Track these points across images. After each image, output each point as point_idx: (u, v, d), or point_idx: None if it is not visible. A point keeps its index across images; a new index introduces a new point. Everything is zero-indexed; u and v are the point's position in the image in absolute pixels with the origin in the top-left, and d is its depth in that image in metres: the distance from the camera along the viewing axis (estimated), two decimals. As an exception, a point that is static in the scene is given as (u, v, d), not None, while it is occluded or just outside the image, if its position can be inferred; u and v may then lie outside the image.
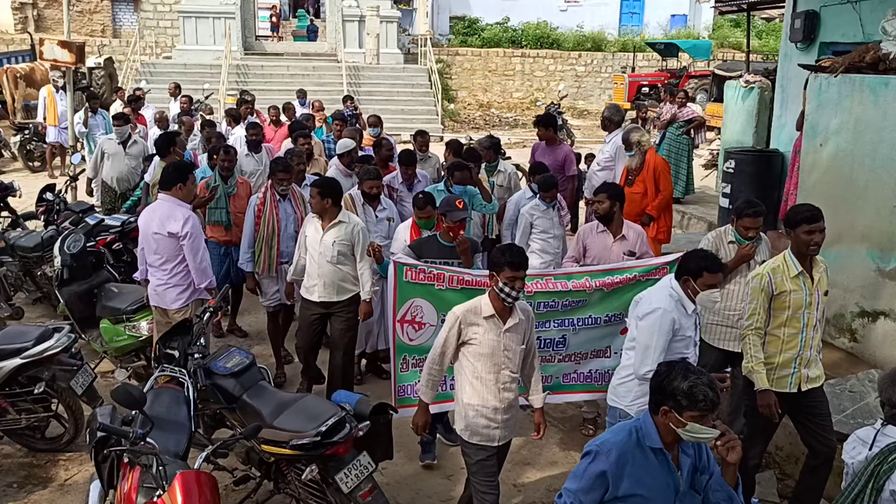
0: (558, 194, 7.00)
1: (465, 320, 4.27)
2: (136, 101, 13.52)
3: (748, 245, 5.46)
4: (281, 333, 7.22)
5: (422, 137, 9.54)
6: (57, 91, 15.00)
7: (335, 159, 8.47)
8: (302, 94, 15.35)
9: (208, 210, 7.38)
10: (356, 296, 6.12)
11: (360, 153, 8.75)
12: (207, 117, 12.55)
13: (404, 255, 5.51)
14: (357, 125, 12.07)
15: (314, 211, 6.05)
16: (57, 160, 15.38)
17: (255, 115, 12.20)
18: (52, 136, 15.17)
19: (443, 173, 9.16)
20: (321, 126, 11.97)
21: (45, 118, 15.37)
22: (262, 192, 6.96)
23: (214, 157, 7.84)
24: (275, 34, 32.05)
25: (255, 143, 9.08)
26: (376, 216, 6.87)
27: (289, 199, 6.95)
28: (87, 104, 13.36)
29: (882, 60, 6.44)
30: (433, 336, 4.85)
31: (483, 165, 8.15)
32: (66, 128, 14.29)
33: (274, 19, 32.73)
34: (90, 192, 11.04)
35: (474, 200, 7.13)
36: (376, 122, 11.04)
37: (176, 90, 14.73)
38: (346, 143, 8.38)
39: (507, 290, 4.16)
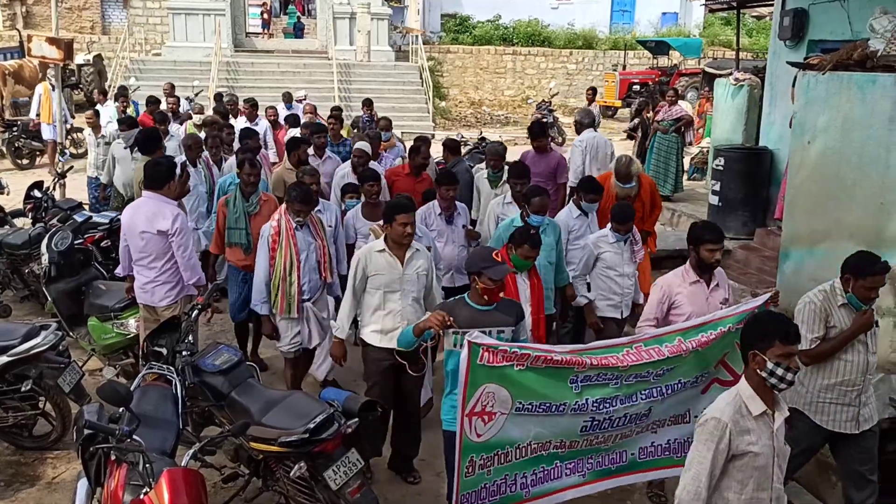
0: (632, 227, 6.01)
1: (735, 427, 3.26)
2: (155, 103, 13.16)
3: (867, 310, 4.51)
4: (300, 379, 6.34)
5: (426, 148, 8.84)
6: (53, 89, 14.72)
7: (347, 164, 8.09)
8: (287, 98, 14.65)
9: (227, 231, 6.67)
10: None
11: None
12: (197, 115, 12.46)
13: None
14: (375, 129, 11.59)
15: (398, 240, 5.05)
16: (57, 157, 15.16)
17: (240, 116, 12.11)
18: (47, 133, 14.93)
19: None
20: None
21: (38, 115, 15.23)
22: (274, 219, 5.99)
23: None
24: (265, 31, 31.96)
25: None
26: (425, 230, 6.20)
27: (307, 225, 6.04)
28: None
29: (870, 58, 6.47)
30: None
31: (487, 173, 7.78)
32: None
33: (265, 16, 32.63)
34: (105, 199, 10.41)
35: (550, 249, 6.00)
36: (387, 125, 10.50)
37: (171, 90, 14.33)
38: (361, 146, 8.02)
39: (780, 371, 3.21)
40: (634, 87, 24.01)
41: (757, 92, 10.72)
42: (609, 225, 5.99)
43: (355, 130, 10.33)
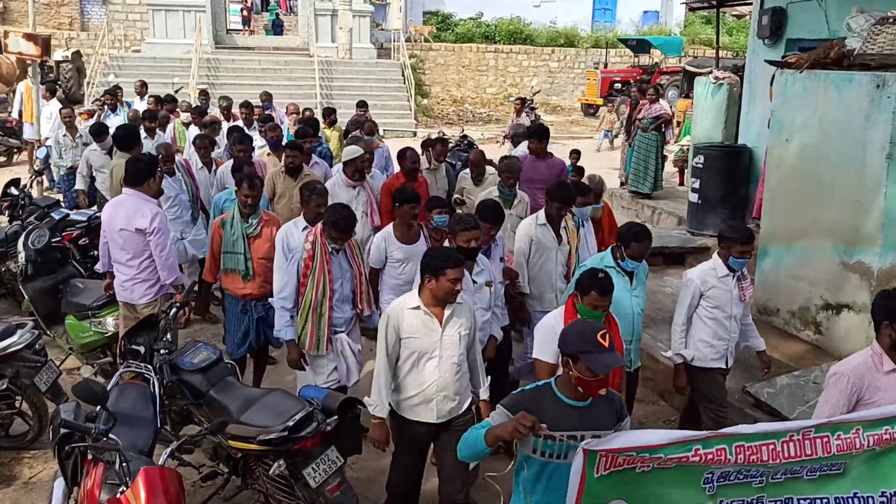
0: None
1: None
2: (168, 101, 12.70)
3: None
4: None
5: (442, 146, 8.36)
6: (47, 99, 14.41)
7: (337, 170, 7.60)
8: (267, 98, 13.79)
9: (224, 255, 5.97)
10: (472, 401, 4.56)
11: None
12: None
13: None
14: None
15: (443, 298, 4.22)
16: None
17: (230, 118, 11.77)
18: (28, 133, 14.54)
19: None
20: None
21: (20, 114, 15.01)
22: (308, 240, 5.23)
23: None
24: (246, 28, 31.77)
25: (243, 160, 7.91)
26: (473, 280, 5.06)
27: (343, 250, 5.35)
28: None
29: (846, 56, 6.53)
30: None
31: (497, 186, 6.88)
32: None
33: (245, 13, 32.43)
34: (90, 206, 9.39)
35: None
36: (372, 128, 9.98)
37: (142, 88, 14.14)
38: (352, 151, 7.42)
39: None
40: (616, 85, 24.13)
41: (736, 90, 10.78)
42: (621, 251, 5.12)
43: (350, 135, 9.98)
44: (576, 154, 11.79)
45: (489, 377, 4.72)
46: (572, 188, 6.08)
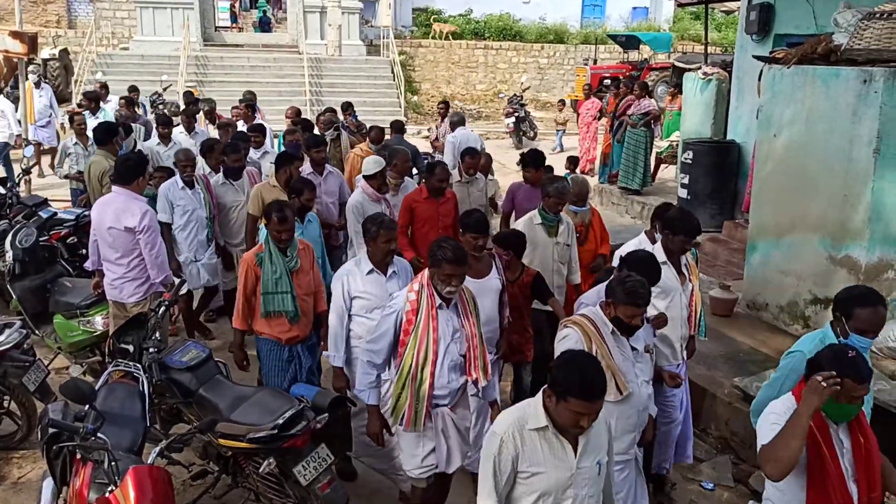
0: None
1: None
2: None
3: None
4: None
5: (471, 158, 7.61)
6: (37, 87, 14.27)
7: (361, 181, 6.96)
8: (251, 98, 12.19)
9: (264, 297, 5.13)
10: None
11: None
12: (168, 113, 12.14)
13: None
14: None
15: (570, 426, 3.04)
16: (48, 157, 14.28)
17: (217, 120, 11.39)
18: (30, 134, 14.32)
19: (496, 200, 8.04)
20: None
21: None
22: (413, 289, 4.27)
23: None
24: (234, 25, 31.64)
25: (235, 170, 7.35)
26: (633, 348, 4.05)
27: (455, 303, 4.33)
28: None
29: (833, 52, 6.56)
30: None
31: (539, 211, 6.00)
32: (43, 125, 13.80)
33: (234, 8, 32.29)
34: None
35: None
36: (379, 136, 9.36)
37: (102, 90, 13.27)
38: (375, 162, 6.85)
39: None
40: (605, 81, 24.14)
41: (725, 86, 10.82)
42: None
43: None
44: (572, 162, 11.84)
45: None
46: (696, 219, 4.98)
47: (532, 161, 7.19)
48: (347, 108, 12.10)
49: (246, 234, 7.02)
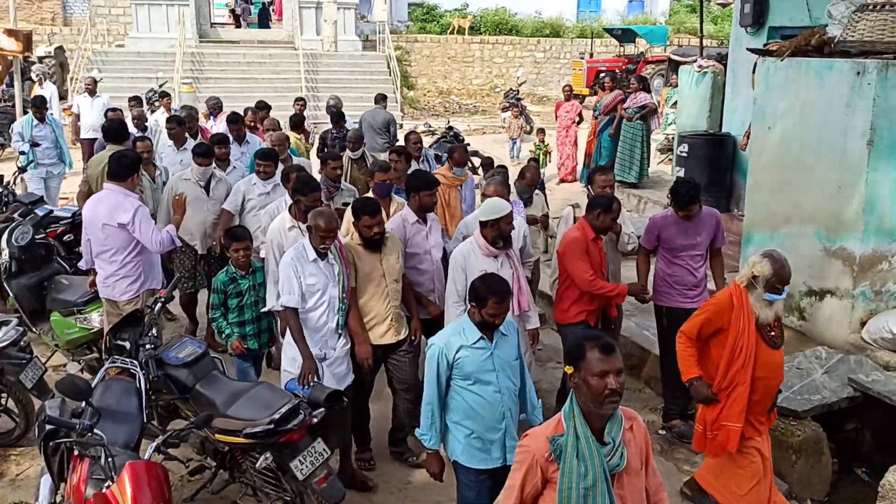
0: None
1: None
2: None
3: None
4: None
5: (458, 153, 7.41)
6: (41, 85, 14.16)
7: (467, 226, 5.94)
8: (216, 105, 11.48)
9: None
10: None
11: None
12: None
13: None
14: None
15: None
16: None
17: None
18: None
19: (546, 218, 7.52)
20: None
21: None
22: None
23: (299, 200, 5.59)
24: (231, 17, 31.55)
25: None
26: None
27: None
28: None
29: (827, 44, 6.57)
30: None
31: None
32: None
33: (234, 10, 32.20)
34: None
35: None
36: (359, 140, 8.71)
37: (93, 85, 12.88)
38: (495, 206, 6.42)
39: None
40: (602, 74, 24.13)
41: (720, 79, 10.82)
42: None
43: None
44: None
45: None
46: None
47: (682, 194, 5.74)
48: (339, 119, 10.57)
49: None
